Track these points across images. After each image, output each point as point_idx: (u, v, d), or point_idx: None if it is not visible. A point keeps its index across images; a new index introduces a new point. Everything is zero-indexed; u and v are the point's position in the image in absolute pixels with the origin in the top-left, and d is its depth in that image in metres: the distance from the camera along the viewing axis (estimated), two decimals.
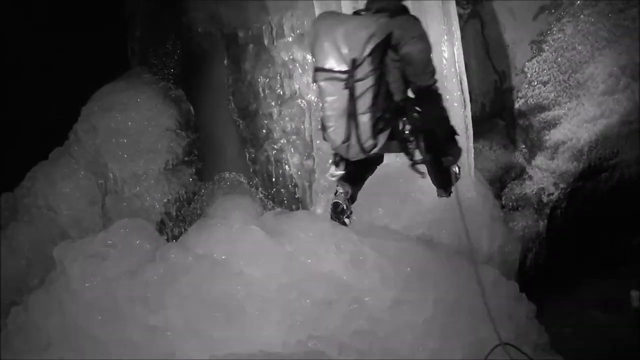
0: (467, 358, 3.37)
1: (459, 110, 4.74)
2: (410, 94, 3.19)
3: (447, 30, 4.76)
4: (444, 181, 3.45)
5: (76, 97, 5.61)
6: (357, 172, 3.66)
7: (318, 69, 2.94)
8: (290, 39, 5.08)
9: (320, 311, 3.43)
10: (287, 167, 4.96)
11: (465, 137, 4.84)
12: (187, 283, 3.52)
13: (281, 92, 4.87)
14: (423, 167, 3.43)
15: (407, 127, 3.10)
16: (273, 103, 4.92)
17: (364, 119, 2.90)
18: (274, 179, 5.03)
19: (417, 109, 3.16)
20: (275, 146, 4.97)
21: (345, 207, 3.74)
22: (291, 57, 5.07)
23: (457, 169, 3.52)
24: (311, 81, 3.06)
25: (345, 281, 3.62)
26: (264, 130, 4.99)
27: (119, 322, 3.40)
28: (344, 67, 2.83)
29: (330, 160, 3.50)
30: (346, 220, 3.83)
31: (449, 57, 4.74)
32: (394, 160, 3.94)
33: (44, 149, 5.69)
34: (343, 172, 3.46)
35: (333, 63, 2.85)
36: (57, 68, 6.08)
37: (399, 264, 3.76)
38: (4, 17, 5.95)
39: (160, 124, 5.33)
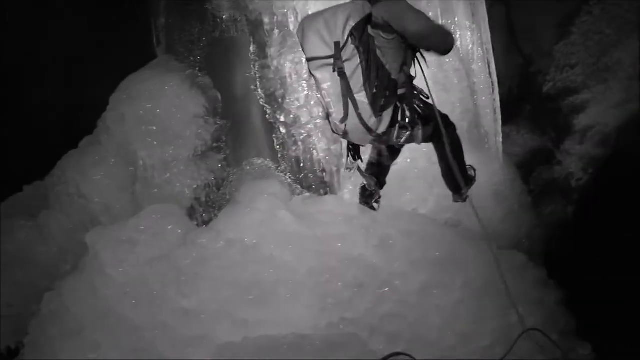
0: (496, 343, 3.37)
1: (486, 93, 4.72)
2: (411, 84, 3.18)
3: (474, 14, 4.73)
4: (453, 178, 3.41)
5: (104, 86, 5.67)
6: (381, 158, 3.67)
7: (309, 60, 3.00)
8: None
9: (351, 294, 3.47)
10: (314, 152, 4.97)
11: (493, 120, 4.82)
12: (219, 267, 3.58)
13: (308, 77, 4.86)
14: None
15: (407, 114, 3.11)
16: (300, 88, 4.93)
17: (361, 98, 2.93)
18: (302, 164, 5.04)
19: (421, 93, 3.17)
20: (302, 131, 4.98)
21: (373, 192, 3.75)
22: None
23: (473, 172, 3.49)
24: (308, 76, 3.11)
25: (375, 265, 3.65)
26: (291, 116, 4.99)
27: (152, 306, 3.47)
28: (330, 52, 2.89)
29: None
30: (375, 205, 3.84)
31: (475, 40, 4.72)
32: (422, 146, 3.92)
33: (73, 138, 5.77)
34: (356, 162, 3.47)
35: (320, 50, 2.92)
36: (84, 58, 6.13)
37: (428, 249, 3.79)
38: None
39: (188, 111, 5.35)
